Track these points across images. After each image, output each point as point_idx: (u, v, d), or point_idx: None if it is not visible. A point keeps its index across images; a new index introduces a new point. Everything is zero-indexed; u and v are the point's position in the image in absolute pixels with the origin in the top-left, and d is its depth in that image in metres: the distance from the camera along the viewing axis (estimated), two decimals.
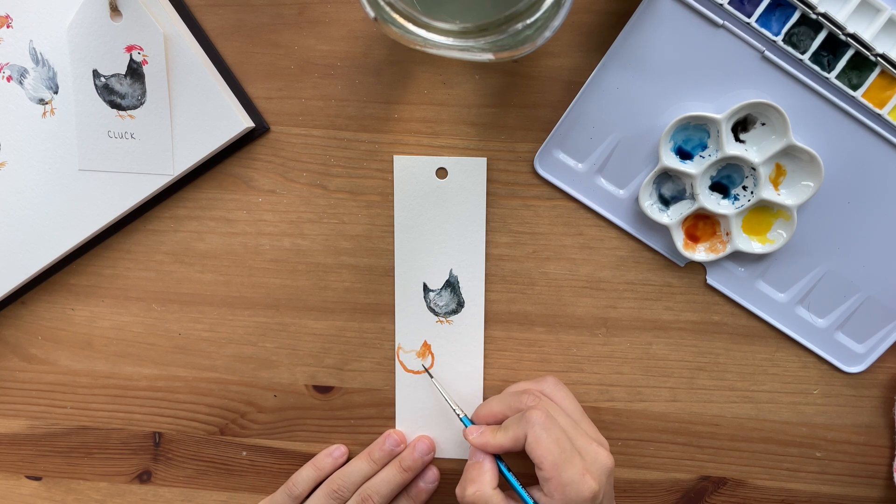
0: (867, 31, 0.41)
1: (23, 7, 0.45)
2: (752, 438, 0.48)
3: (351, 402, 0.50)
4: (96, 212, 0.47)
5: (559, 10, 0.33)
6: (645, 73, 0.43)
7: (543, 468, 0.39)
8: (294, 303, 0.49)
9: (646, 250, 0.47)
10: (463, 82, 0.46)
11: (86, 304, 0.50)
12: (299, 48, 0.46)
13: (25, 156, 0.46)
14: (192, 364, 0.50)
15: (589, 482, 0.39)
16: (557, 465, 0.39)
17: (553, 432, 0.40)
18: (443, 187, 0.46)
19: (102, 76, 0.45)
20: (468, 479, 0.42)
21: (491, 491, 0.41)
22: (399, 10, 0.34)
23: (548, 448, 0.39)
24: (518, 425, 0.41)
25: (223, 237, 0.48)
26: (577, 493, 0.39)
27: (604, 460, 0.40)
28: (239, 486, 0.51)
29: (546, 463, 0.39)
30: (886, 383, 0.47)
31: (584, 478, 0.39)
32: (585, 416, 0.44)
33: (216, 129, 0.45)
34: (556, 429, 0.40)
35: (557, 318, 0.48)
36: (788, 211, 0.44)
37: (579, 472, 0.39)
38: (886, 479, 0.48)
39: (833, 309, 0.47)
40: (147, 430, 0.51)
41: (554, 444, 0.39)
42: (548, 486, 0.39)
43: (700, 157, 0.44)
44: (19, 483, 0.53)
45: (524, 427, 0.40)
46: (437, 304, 0.48)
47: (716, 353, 0.48)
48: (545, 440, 0.39)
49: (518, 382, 0.47)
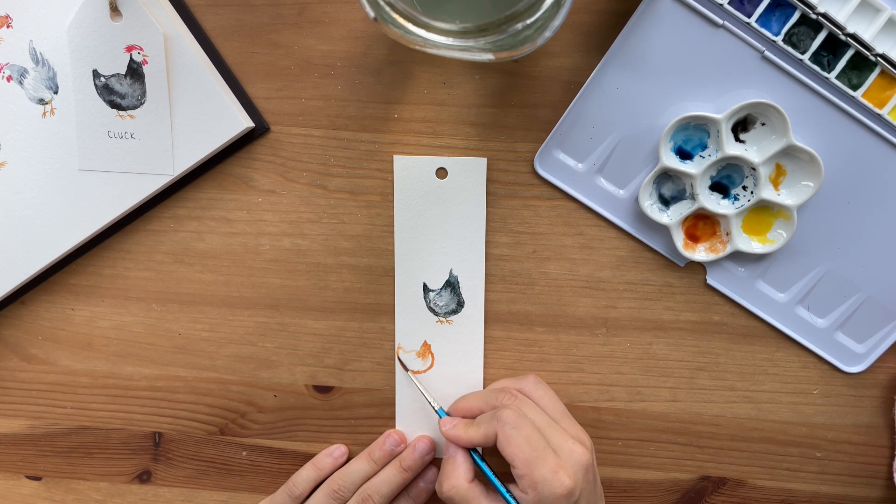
0: (867, 31, 0.41)
1: (23, 7, 0.45)
2: (752, 438, 0.48)
3: (351, 402, 0.50)
4: (96, 212, 0.47)
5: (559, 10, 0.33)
6: (645, 73, 0.43)
7: (516, 466, 0.40)
8: (294, 303, 0.49)
9: (646, 250, 0.47)
10: (463, 82, 0.46)
11: (86, 304, 0.50)
12: (299, 48, 0.46)
13: (25, 156, 0.46)
14: (192, 364, 0.50)
15: (562, 479, 0.39)
16: (529, 462, 0.39)
17: (524, 431, 0.40)
18: (443, 187, 0.46)
19: (102, 76, 0.45)
20: (443, 475, 0.43)
21: (466, 484, 0.42)
22: (399, 10, 0.34)
23: (518, 446, 0.40)
24: (489, 423, 0.41)
25: (223, 237, 0.48)
26: (549, 490, 0.39)
27: (578, 457, 0.40)
28: (239, 486, 0.51)
29: (518, 461, 0.40)
30: (886, 383, 0.47)
31: (557, 475, 0.39)
32: (566, 414, 0.44)
33: (216, 129, 0.45)
34: (528, 427, 0.40)
35: (557, 318, 0.48)
36: (788, 211, 0.44)
37: (552, 470, 0.39)
38: (886, 479, 0.48)
39: (833, 309, 0.47)
40: (147, 430, 0.51)
41: (525, 442, 0.40)
42: (522, 482, 0.40)
43: (700, 157, 0.44)
44: (19, 483, 0.53)
45: (495, 425, 0.41)
46: (437, 304, 0.48)
47: (716, 353, 0.48)
48: (516, 438, 0.40)
49: (500, 380, 0.47)
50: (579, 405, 0.49)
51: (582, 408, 0.49)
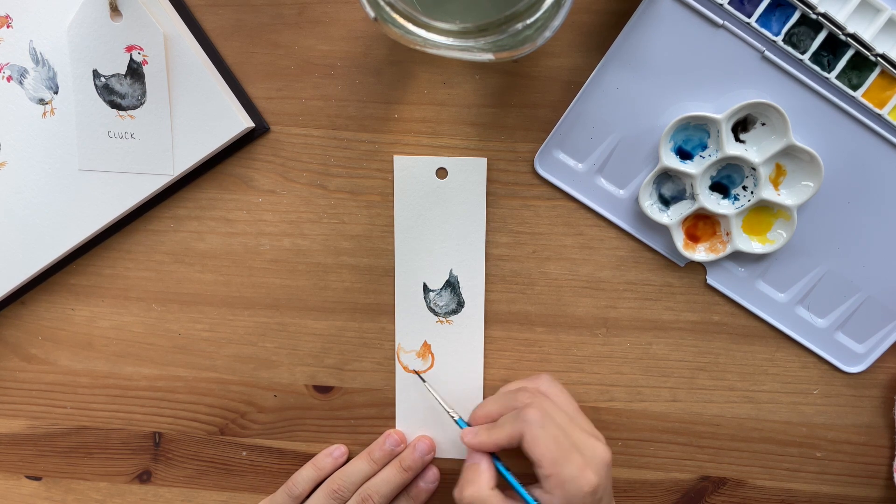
0: (867, 31, 0.41)
1: (23, 7, 0.45)
2: (752, 438, 0.48)
3: (351, 402, 0.50)
4: (96, 212, 0.47)
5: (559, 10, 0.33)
6: (645, 73, 0.43)
7: (543, 466, 0.39)
8: (294, 303, 0.49)
9: (646, 250, 0.47)
10: (463, 82, 0.46)
11: (86, 304, 0.50)
12: (299, 48, 0.46)
13: (25, 156, 0.46)
14: (192, 364, 0.50)
15: (589, 476, 0.39)
16: (557, 461, 0.39)
17: (550, 430, 0.40)
18: (443, 187, 0.46)
19: (102, 76, 0.45)
20: (465, 481, 0.42)
21: (488, 491, 0.41)
22: (399, 10, 0.34)
23: (546, 446, 0.39)
24: (514, 423, 0.41)
25: (223, 237, 0.48)
26: (577, 488, 0.39)
27: (601, 454, 0.40)
28: (239, 486, 0.51)
29: (545, 460, 0.39)
30: (886, 383, 0.47)
31: (584, 472, 0.39)
32: (580, 412, 0.44)
33: (216, 129, 0.45)
34: (553, 426, 0.40)
35: (557, 318, 0.48)
36: (788, 211, 0.44)
37: (579, 468, 0.39)
38: (886, 479, 0.48)
39: (833, 309, 0.47)
40: (147, 430, 0.51)
41: (552, 441, 0.39)
42: (548, 483, 0.39)
43: (700, 157, 0.44)
44: (19, 483, 0.53)
45: (520, 426, 0.40)
46: (438, 304, 0.48)
47: (716, 353, 0.48)
48: (543, 438, 0.40)
49: (512, 381, 0.47)
50: (579, 405, 0.48)
51: (582, 408, 0.48)
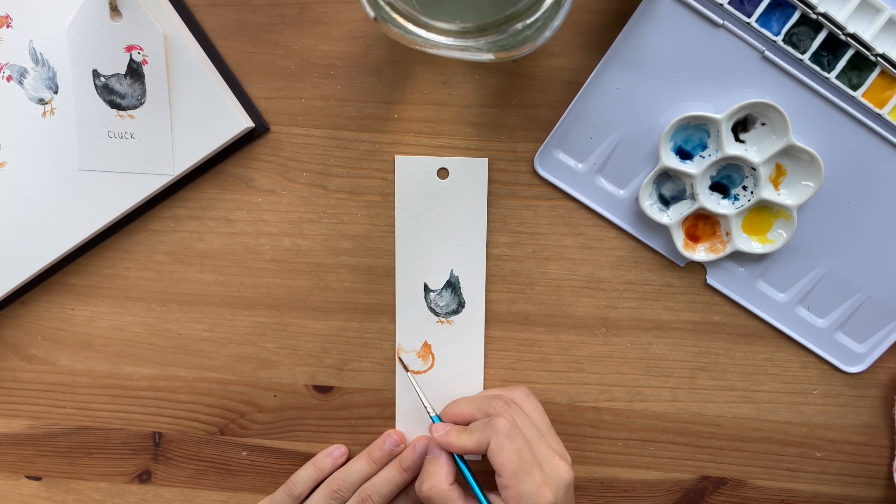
0: (867, 31, 0.41)
1: (23, 7, 0.45)
2: (752, 438, 0.48)
3: (351, 402, 0.50)
4: (96, 212, 0.47)
5: (559, 10, 0.33)
6: (645, 73, 0.43)
7: (503, 476, 0.40)
8: (294, 303, 0.49)
9: (646, 250, 0.47)
10: (463, 82, 0.46)
11: (86, 304, 0.50)
12: (299, 48, 0.46)
13: (25, 156, 0.46)
14: (192, 364, 0.50)
15: (546, 494, 0.39)
16: (517, 474, 0.40)
17: (516, 442, 0.40)
18: (444, 187, 0.46)
19: (102, 76, 0.45)
20: (426, 474, 0.43)
21: (447, 486, 0.42)
22: (399, 10, 0.34)
23: (509, 457, 0.40)
24: (483, 431, 0.41)
25: (223, 237, 0.48)
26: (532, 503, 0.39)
27: (563, 474, 0.41)
28: (239, 486, 0.51)
29: (506, 472, 0.40)
30: (886, 383, 0.47)
31: (542, 490, 0.40)
32: (552, 430, 0.45)
33: (216, 129, 0.45)
34: (520, 439, 0.40)
35: (557, 318, 0.48)
36: (788, 211, 0.44)
37: (537, 484, 0.40)
38: (886, 479, 0.48)
39: (833, 309, 0.47)
40: (147, 430, 0.51)
41: (515, 454, 0.40)
42: (505, 493, 0.40)
43: (700, 157, 0.44)
44: (19, 483, 0.53)
45: (488, 433, 0.41)
46: (438, 305, 0.48)
47: (716, 353, 0.48)
48: (507, 449, 0.40)
49: (491, 388, 0.47)
50: (579, 405, 0.49)
51: (582, 408, 0.49)
